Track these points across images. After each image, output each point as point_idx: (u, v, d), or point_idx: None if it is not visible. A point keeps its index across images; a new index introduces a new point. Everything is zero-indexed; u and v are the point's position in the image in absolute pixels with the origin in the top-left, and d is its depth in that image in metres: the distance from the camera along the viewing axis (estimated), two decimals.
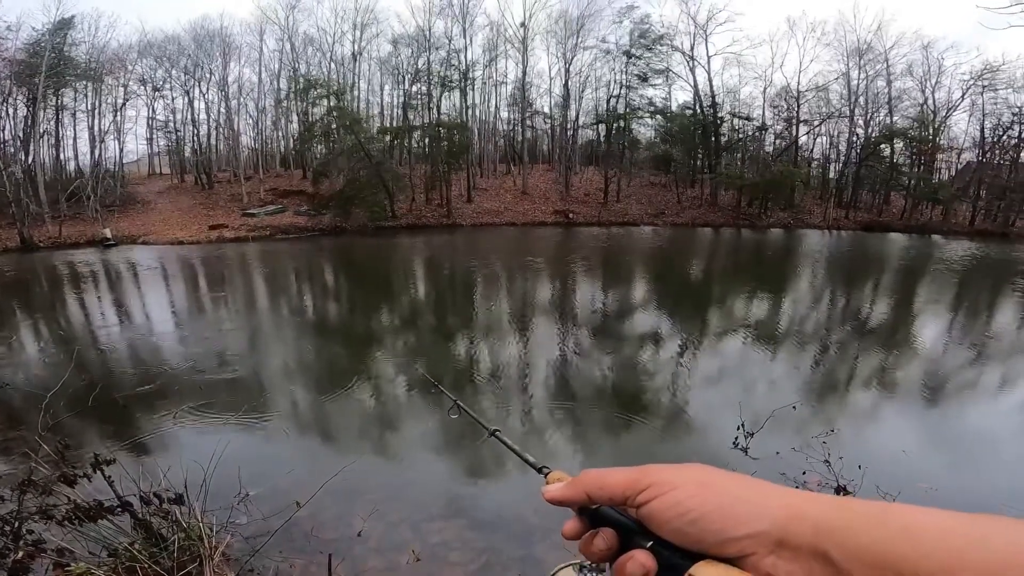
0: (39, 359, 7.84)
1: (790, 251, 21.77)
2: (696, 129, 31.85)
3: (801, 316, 11.14)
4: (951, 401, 6.47)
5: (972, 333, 10.13)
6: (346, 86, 31.66)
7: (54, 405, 3.97)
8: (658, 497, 0.39)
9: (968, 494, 4.35)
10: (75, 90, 27.95)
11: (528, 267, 16.25)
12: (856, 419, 5.85)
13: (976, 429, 5.65)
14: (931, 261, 19.44)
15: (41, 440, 3.07)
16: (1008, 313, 12.12)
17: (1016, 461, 4.90)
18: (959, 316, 11.76)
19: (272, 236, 23.56)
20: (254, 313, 10.96)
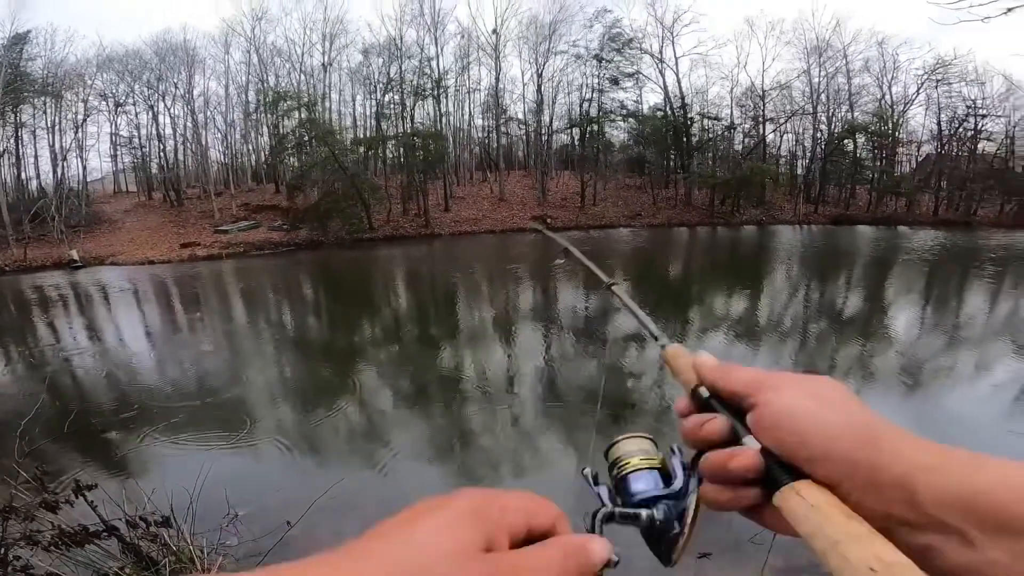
0: (11, 385, 7.56)
1: (764, 247, 22.31)
2: (667, 130, 32.48)
3: (777, 310, 11.43)
4: (926, 388, 6.62)
5: (945, 319, 10.53)
6: (317, 97, 31.29)
7: (30, 431, 3.83)
8: (770, 403, 0.38)
9: None
10: (34, 106, 27.09)
11: (509, 274, 16.30)
12: None
13: (951, 415, 5.73)
14: (900, 252, 20.14)
15: (19, 467, 2.97)
16: (979, 297, 12.62)
17: (991, 446, 5.05)
18: (932, 303, 12.22)
19: (247, 253, 23.06)
20: (233, 333, 10.74)
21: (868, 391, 6.44)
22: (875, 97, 31.82)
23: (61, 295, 15.60)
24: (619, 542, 0.37)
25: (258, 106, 31.88)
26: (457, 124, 35.34)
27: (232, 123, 33.10)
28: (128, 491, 3.75)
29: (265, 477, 4.71)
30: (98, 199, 30.90)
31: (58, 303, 14.53)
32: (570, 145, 36.35)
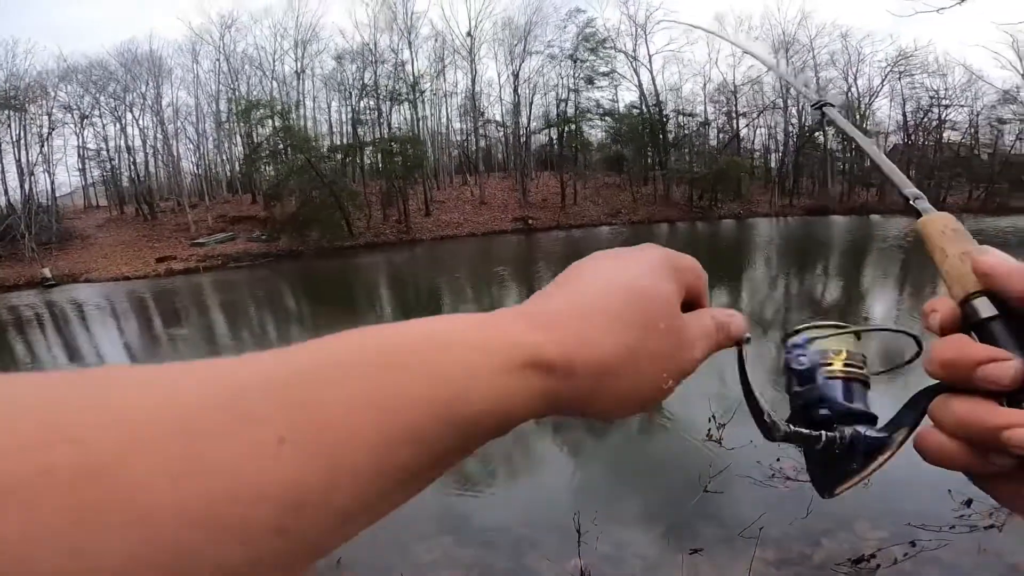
0: None
1: (743, 241, 22.71)
2: (644, 128, 32.87)
3: (760, 302, 11.68)
4: (911, 376, 6.81)
5: (921, 304, 10.81)
6: (291, 105, 30.97)
7: None
8: None
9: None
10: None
11: (494, 277, 16.33)
12: None
13: None
14: (874, 240, 20.69)
15: None
16: None
17: None
18: (907, 288, 12.59)
19: (225, 265, 22.64)
20: (216, 348, 10.58)
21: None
22: (842, 90, 32.56)
23: (36, 315, 15.16)
24: None
25: (230, 115, 31.39)
26: (435, 128, 35.38)
27: (204, 133, 32.67)
28: None
29: None
30: (69, 214, 30.10)
31: (33, 323, 14.11)
32: (549, 145, 36.54)
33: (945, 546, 3.24)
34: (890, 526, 3.47)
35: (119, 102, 29.65)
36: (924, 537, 3.32)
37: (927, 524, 3.34)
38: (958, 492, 3.79)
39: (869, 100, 32.80)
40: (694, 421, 5.41)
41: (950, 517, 3.57)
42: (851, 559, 3.20)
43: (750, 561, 3.11)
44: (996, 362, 0.26)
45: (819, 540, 3.44)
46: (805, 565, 3.24)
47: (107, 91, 29.42)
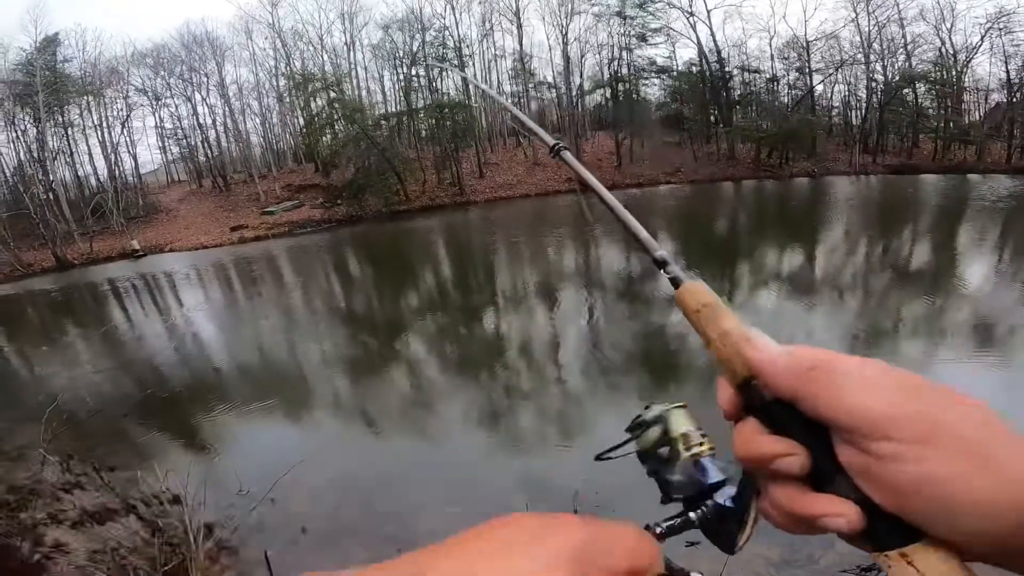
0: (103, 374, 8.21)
1: (818, 199, 20.93)
2: (705, 85, 30.87)
3: (830, 267, 10.72)
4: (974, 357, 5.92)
5: None
6: (343, 76, 31.60)
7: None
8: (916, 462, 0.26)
9: None
10: (79, 106, 28.69)
11: (547, 236, 16.06)
12: None
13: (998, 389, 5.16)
14: (972, 199, 18.38)
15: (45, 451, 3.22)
16: None
17: None
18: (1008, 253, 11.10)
19: (291, 232, 23.99)
20: (286, 310, 11.26)
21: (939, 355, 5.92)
22: (934, 46, 29.21)
23: (133, 285, 16.74)
24: None
25: (289, 89, 32.56)
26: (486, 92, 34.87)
27: (268, 108, 34.14)
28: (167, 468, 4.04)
29: (288, 451, 4.87)
30: (153, 190, 32.74)
31: (130, 292, 15.62)
32: (604, 105, 35.14)
33: None
34: None
35: (187, 83, 31.49)
36: None
37: None
38: None
39: (967, 57, 28.99)
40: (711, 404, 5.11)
41: None
42: (860, 567, 2.97)
43: (747, 559, 2.90)
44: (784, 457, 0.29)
45: (833, 543, 3.16)
46: (807, 568, 3.01)
47: (175, 73, 31.32)
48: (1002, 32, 27.62)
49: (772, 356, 0.31)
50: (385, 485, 4.18)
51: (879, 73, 30.33)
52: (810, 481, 0.30)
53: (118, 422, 5.76)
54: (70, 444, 4.11)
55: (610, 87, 31.91)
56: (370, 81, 34.77)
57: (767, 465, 0.30)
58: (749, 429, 0.31)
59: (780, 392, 0.30)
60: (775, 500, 0.30)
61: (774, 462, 0.29)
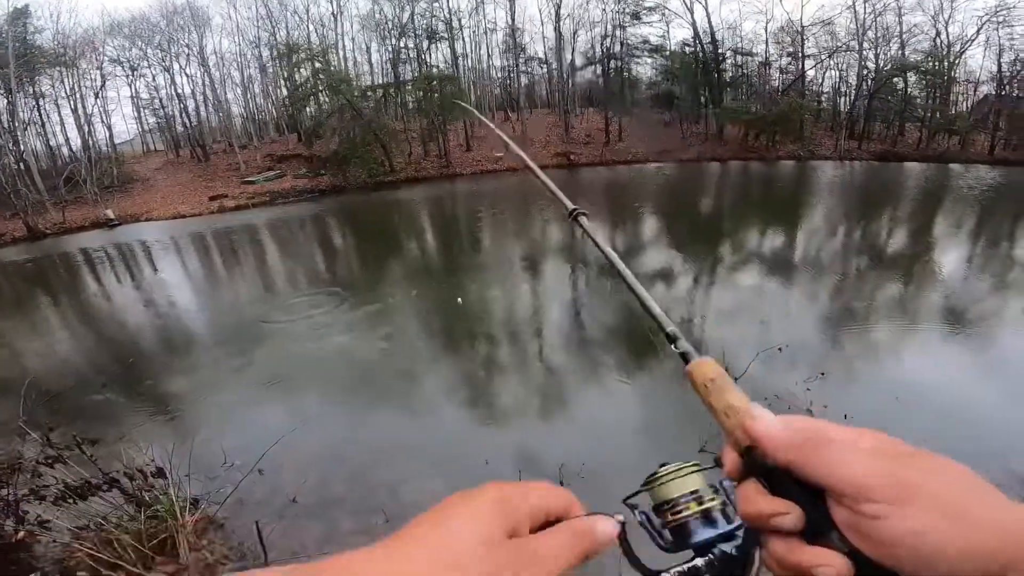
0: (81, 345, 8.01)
1: (803, 182, 21.16)
2: (697, 66, 30.66)
3: (806, 249, 10.90)
4: (950, 341, 6.16)
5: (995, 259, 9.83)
6: (329, 47, 30.75)
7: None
8: (898, 519, 0.30)
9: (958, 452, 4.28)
10: (51, 77, 27.63)
11: (531, 208, 16.00)
12: (848, 362, 5.71)
13: (970, 373, 5.34)
14: (952, 188, 18.79)
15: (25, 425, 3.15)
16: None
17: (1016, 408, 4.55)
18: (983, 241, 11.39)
19: (272, 201, 23.55)
20: (267, 277, 11.07)
21: (880, 345, 6.10)
22: (929, 36, 29.39)
23: (107, 254, 16.27)
24: None
25: (273, 59, 31.69)
26: (476, 65, 34.36)
27: (250, 78, 33.31)
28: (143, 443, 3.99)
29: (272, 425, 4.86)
30: (128, 160, 31.67)
31: (105, 262, 15.19)
32: (594, 82, 34.77)
33: None
34: None
35: (165, 53, 30.41)
36: None
37: None
38: None
39: (960, 49, 29.24)
40: None
41: None
42: None
43: None
44: (780, 516, 0.34)
45: None
46: None
47: (153, 43, 30.20)
48: (1000, 26, 27.89)
49: (770, 429, 0.36)
50: (373, 457, 4.20)
51: (871, 61, 30.49)
52: (805, 535, 0.34)
53: (98, 393, 5.66)
54: (50, 418, 4.04)
55: (602, 64, 31.47)
56: (357, 52, 34.01)
57: (767, 522, 0.35)
58: (751, 490, 0.36)
59: (778, 461, 0.35)
60: (774, 552, 0.35)
61: (772, 520, 0.35)
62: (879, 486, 0.31)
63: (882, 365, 5.59)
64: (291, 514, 3.39)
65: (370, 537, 0.28)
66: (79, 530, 2.60)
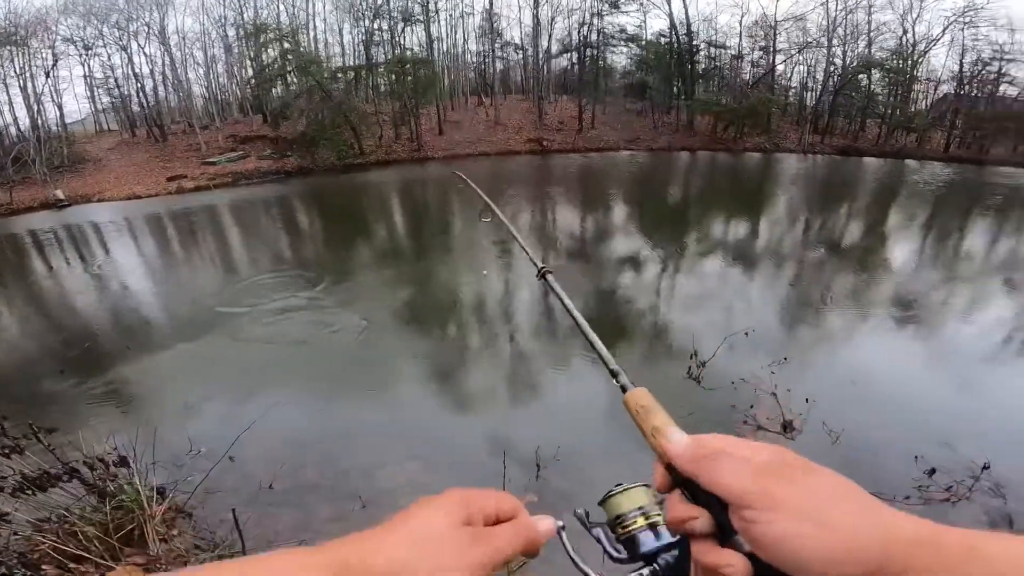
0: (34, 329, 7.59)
1: (767, 174, 21.74)
2: (671, 57, 30.90)
3: (769, 239, 11.24)
4: (903, 329, 6.46)
5: (945, 251, 10.34)
6: (299, 27, 29.77)
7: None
8: (767, 524, 0.36)
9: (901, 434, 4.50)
10: (0, 56, 25.81)
11: (502, 193, 15.94)
12: (808, 347, 5.95)
13: (920, 360, 5.61)
14: (907, 183, 19.65)
15: None
16: (982, 229, 12.37)
17: (960, 394, 4.83)
18: (933, 234, 11.97)
19: (235, 182, 22.74)
20: (228, 259, 10.70)
21: (839, 330, 6.37)
22: (896, 34, 30.39)
23: (56, 236, 15.41)
24: None
25: (239, 39, 30.40)
26: (451, 49, 33.92)
27: (214, 58, 31.94)
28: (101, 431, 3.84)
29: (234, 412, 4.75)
30: (80, 140, 29.96)
31: (53, 244, 14.40)
32: (569, 69, 34.72)
33: None
34: None
35: (123, 32, 28.78)
36: None
37: (884, 492, 3.21)
38: (924, 460, 3.69)
39: (925, 47, 30.36)
40: (677, 356, 5.32)
41: (909, 487, 3.49)
42: None
43: None
44: (692, 520, 0.41)
45: None
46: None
47: (110, 22, 28.51)
48: (965, 26, 28.93)
49: (677, 447, 0.43)
50: (345, 442, 4.17)
51: (838, 58, 31.33)
52: (719, 539, 0.39)
53: (55, 380, 5.41)
54: (5, 406, 3.83)
55: (578, 52, 31.40)
56: (328, 33, 32.99)
57: (683, 526, 0.41)
58: (674, 499, 0.43)
59: (685, 474, 0.42)
60: (695, 553, 0.41)
61: (686, 523, 0.41)
62: (751, 495, 0.37)
63: (840, 350, 5.85)
64: (265, 501, 3.34)
65: (347, 523, 0.33)
66: (40, 522, 2.49)
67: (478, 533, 0.41)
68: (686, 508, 0.41)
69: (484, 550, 0.40)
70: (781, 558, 0.35)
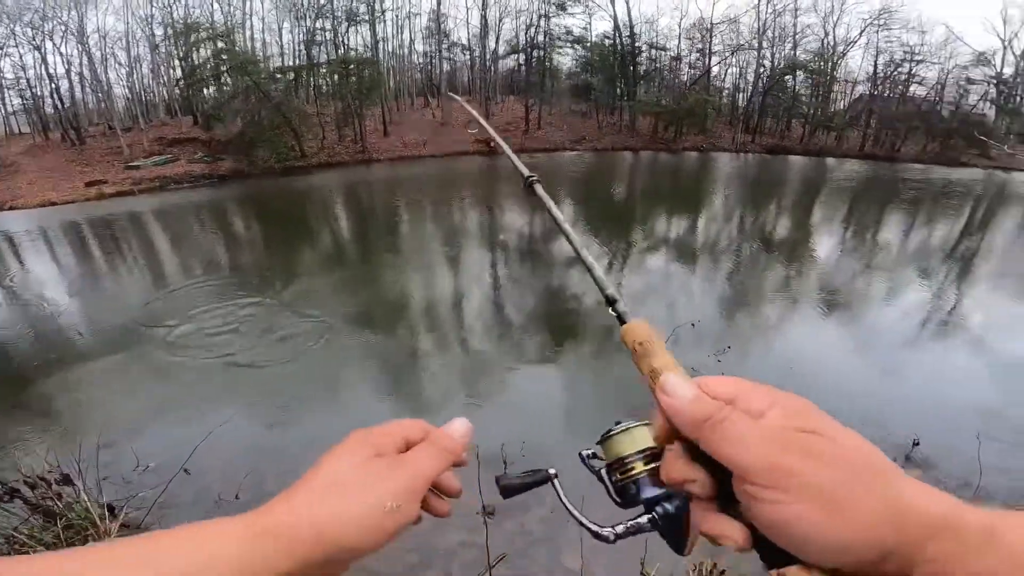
0: None
1: (705, 172, 22.85)
2: (615, 59, 31.79)
3: (708, 235, 11.84)
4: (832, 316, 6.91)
5: (862, 243, 11.23)
6: (234, 26, 28.46)
7: None
8: (772, 505, 0.32)
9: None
10: None
11: (450, 196, 15.88)
12: (749, 336, 6.28)
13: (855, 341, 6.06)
14: (829, 181, 21.19)
15: None
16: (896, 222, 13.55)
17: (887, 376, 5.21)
18: (852, 227, 12.97)
19: (163, 187, 21.38)
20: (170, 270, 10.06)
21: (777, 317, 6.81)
22: (818, 36, 32.50)
23: None
24: None
25: (166, 38, 28.74)
26: (397, 50, 33.60)
27: (138, 58, 30.10)
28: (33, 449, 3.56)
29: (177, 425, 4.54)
30: None
31: None
32: (516, 70, 35.03)
33: None
34: None
35: (36, 31, 26.48)
36: None
37: None
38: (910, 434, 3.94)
39: (844, 49, 32.72)
40: (626, 351, 5.48)
41: None
42: None
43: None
44: (690, 482, 0.36)
45: None
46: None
47: (23, 21, 26.24)
48: (880, 29, 31.17)
49: (676, 405, 0.37)
50: (305, 451, 4.05)
51: (767, 60, 33.26)
52: (719, 502, 0.36)
53: None
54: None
55: (525, 53, 31.77)
56: (266, 33, 32.13)
57: (680, 487, 0.37)
58: (673, 455, 0.38)
59: (686, 435, 0.36)
60: (692, 514, 0.38)
61: (684, 485, 0.37)
62: (759, 470, 0.32)
63: (778, 338, 6.27)
64: (225, 513, 3.20)
65: None
66: None
67: (392, 461, 0.40)
68: (684, 468, 0.37)
69: (403, 473, 0.40)
70: (785, 540, 0.32)
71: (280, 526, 0.35)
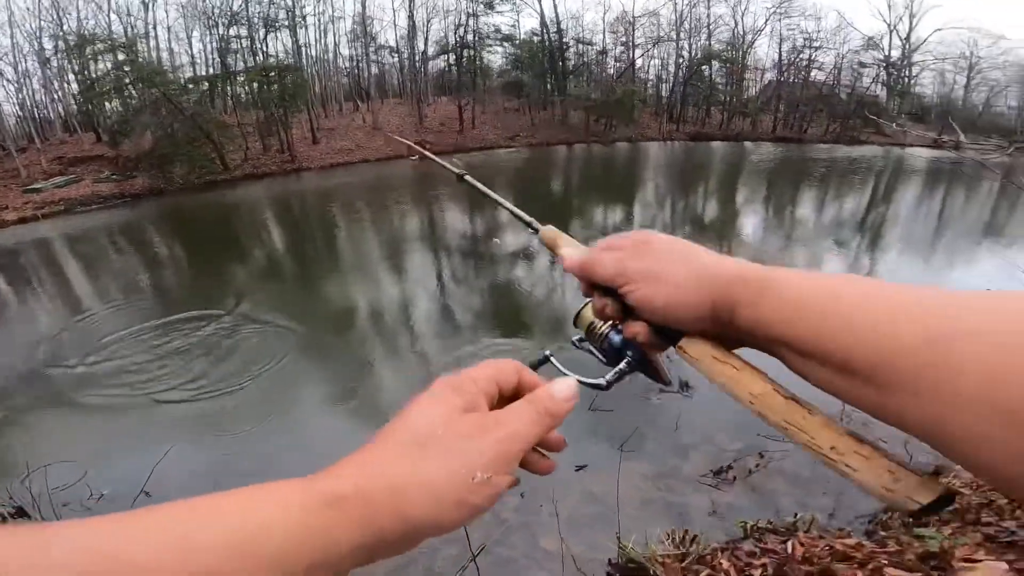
0: None
1: (636, 162, 23.79)
2: (544, 55, 32.40)
3: (643, 220, 12.39)
4: None
5: (783, 218, 12.11)
6: (136, 37, 26.72)
7: None
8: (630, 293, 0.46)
9: None
10: None
11: (387, 200, 15.65)
12: None
13: None
14: (747, 163, 22.66)
15: None
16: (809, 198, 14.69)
17: None
18: (773, 204, 13.96)
19: (70, 210, 19.56)
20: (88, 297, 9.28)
21: None
22: (729, 27, 34.47)
23: None
24: None
25: (57, 53, 26.52)
26: (321, 55, 32.52)
27: (27, 73, 27.60)
28: None
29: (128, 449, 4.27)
30: None
31: None
32: (447, 71, 34.86)
33: (787, 457, 3.52)
34: (744, 437, 3.78)
35: None
36: (771, 448, 3.59)
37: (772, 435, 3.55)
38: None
39: (752, 38, 34.77)
40: (567, 337, 5.67)
41: None
42: (712, 470, 3.51)
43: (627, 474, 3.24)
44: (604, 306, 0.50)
45: (688, 453, 3.75)
46: (677, 477, 3.51)
47: None
48: (782, 17, 33.39)
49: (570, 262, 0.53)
50: (265, 465, 3.94)
51: (686, 51, 34.95)
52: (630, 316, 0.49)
53: None
54: None
55: (455, 53, 31.68)
56: (174, 42, 30.03)
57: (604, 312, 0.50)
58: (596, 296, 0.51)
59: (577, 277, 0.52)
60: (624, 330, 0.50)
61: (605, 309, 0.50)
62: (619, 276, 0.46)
63: None
64: None
65: None
66: None
67: (485, 420, 0.35)
68: (600, 300, 0.50)
69: (497, 436, 0.34)
70: (648, 314, 0.45)
71: (350, 490, 0.30)
